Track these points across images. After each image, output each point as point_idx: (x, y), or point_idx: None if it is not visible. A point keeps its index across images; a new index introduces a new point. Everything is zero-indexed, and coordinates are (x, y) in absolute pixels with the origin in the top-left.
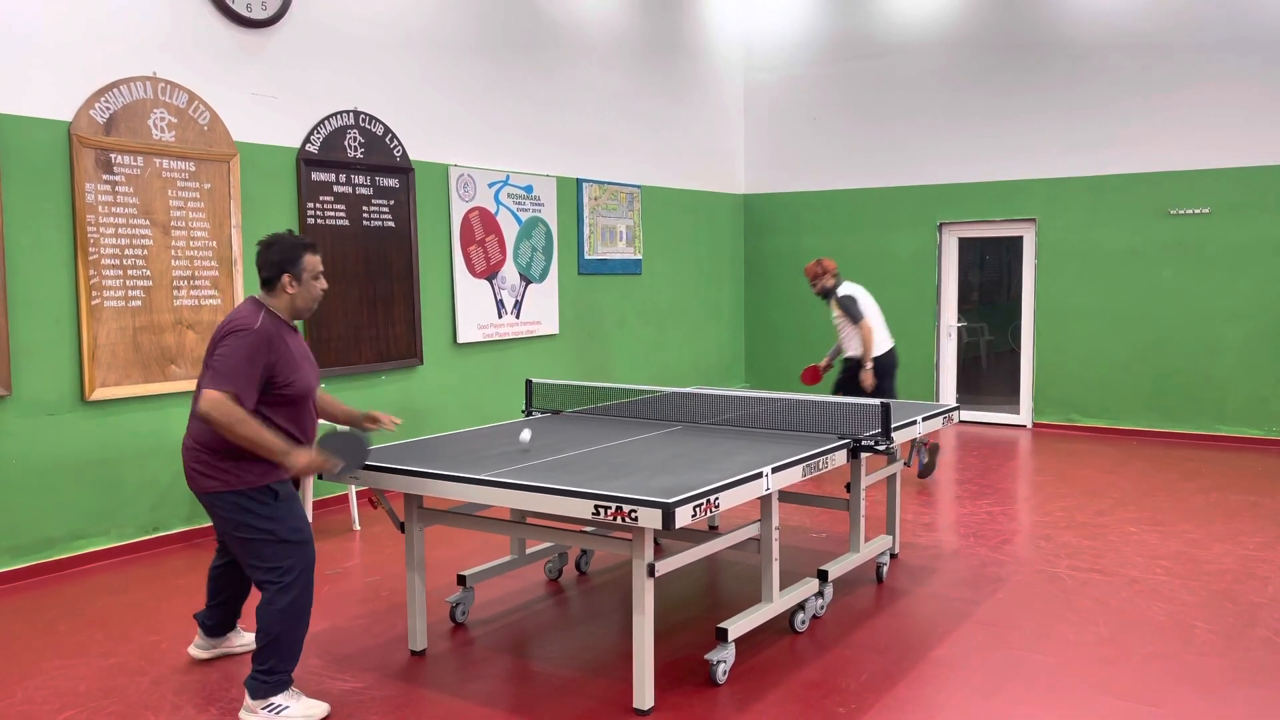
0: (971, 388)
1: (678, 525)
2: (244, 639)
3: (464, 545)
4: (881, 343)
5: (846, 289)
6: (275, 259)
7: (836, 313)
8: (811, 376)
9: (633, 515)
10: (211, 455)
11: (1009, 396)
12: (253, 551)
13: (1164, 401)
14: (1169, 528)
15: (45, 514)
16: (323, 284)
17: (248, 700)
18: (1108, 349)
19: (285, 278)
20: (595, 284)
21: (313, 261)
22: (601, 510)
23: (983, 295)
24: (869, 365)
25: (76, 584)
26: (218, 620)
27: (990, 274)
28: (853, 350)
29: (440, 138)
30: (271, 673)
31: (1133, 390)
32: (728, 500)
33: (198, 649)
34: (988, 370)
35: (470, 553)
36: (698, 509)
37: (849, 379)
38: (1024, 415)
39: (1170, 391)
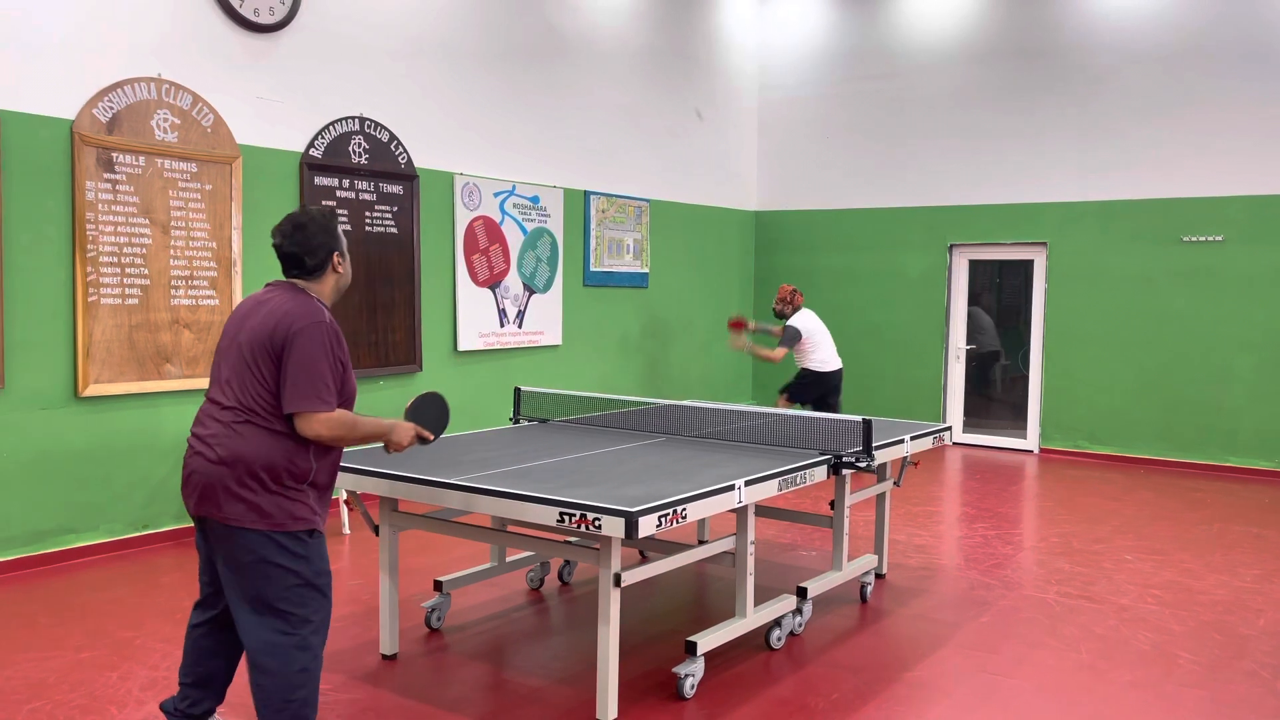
0: (980, 411)
1: (641, 534)
2: None
3: (450, 553)
4: (827, 361)
5: (798, 319)
6: (321, 240)
7: (778, 330)
8: (737, 325)
9: (596, 523)
10: (260, 483)
11: (1017, 421)
12: (270, 593)
13: (1173, 430)
14: (1166, 557)
15: (35, 508)
16: None
17: None
18: (1117, 376)
19: (335, 257)
20: (600, 296)
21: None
22: (566, 517)
23: (1001, 319)
24: (753, 348)
25: (63, 578)
26: (191, 704)
27: (1011, 297)
28: (805, 364)
29: (446, 146)
30: None
31: (1142, 418)
32: (696, 511)
33: None
34: (1000, 394)
35: (456, 560)
36: (663, 519)
37: (799, 387)
38: (1031, 440)
39: (1180, 420)
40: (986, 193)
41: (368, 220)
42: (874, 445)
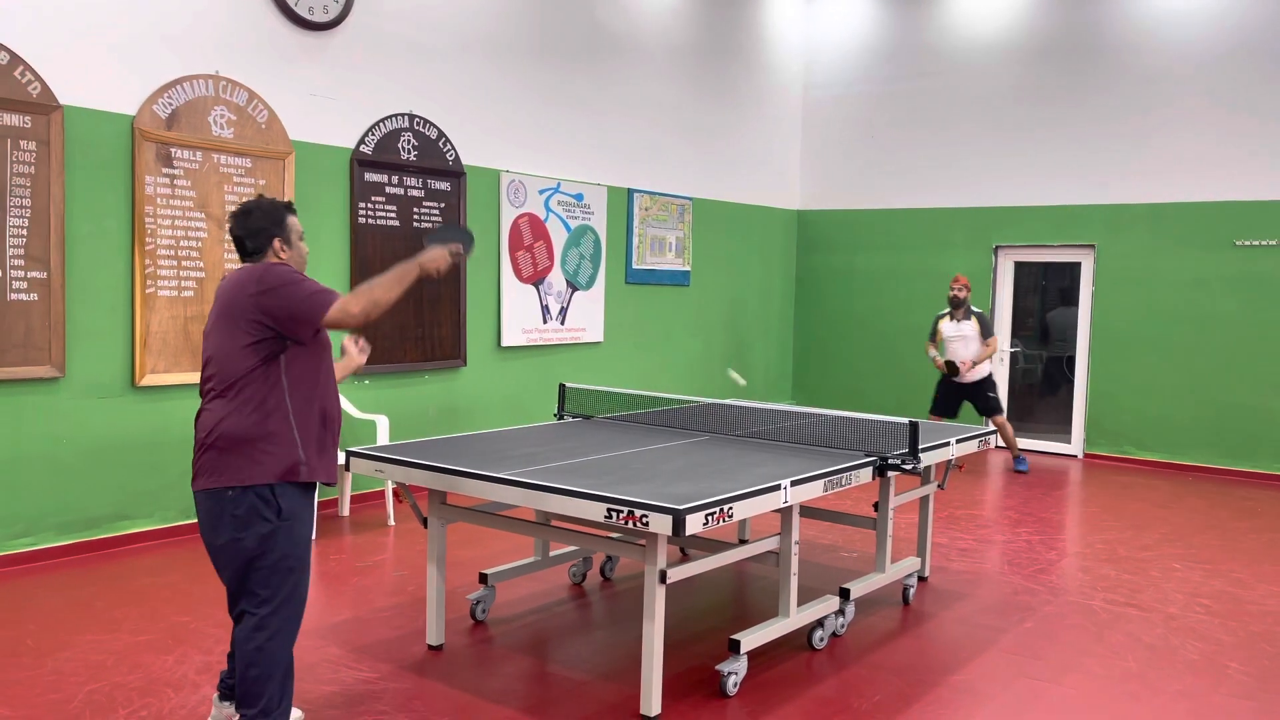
0: (1023, 415)
1: (688, 532)
2: None
3: (493, 545)
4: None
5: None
6: (261, 225)
7: (973, 327)
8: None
9: (644, 520)
10: (238, 444)
11: (1061, 425)
12: (247, 568)
13: (1223, 438)
14: (1215, 566)
15: (92, 493)
16: (307, 246)
17: None
18: (1166, 381)
19: (276, 243)
20: (642, 294)
21: (296, 222)
22: (614, 514)
23: (1043, 321)
24: (973, 367)
25: (118, 563)
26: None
27: (1053, 300)
28: (987, 369)
29: (493, 143)
30: (266, 713)
31: (1191, 425)
32: (742, 510)
33: None
34: (1043, 398)
35: (499, 553)
36: (710, 517)
37: (995, 392)
38: (1075, 445)
39: (1231, 428)
40: (1033, 194)
41: (415, 216)
42: (920, 447)
